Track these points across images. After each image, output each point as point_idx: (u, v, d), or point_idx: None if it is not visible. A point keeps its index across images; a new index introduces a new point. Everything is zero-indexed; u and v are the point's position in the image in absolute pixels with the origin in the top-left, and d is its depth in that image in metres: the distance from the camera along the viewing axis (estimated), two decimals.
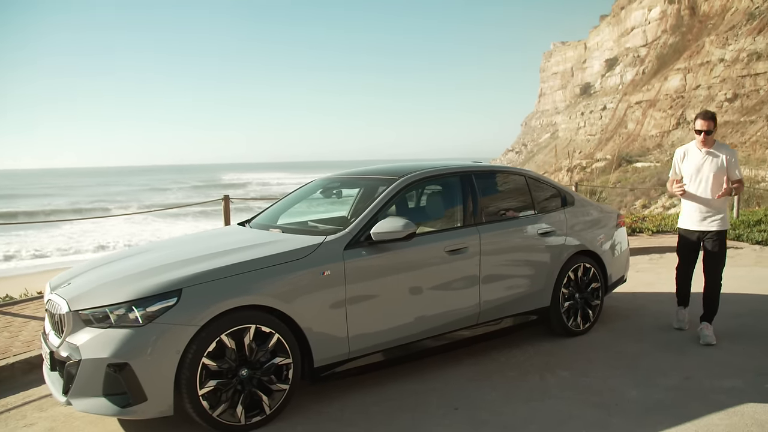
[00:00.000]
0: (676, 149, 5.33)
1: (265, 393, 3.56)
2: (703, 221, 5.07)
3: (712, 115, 5.03)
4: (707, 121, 4.94)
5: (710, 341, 4.94)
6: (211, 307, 3.36)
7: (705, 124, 4.94)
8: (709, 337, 4.97)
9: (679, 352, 4.76)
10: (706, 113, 5.02)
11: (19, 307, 6.42)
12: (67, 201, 50.11)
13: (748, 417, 3.55)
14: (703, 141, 4.99)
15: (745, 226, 11.17)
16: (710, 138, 5.01)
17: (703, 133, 4.95)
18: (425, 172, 4.64)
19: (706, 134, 4.96)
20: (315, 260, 3.77)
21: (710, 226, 5.05)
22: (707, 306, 5.16)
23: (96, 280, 3.71)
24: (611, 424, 3.50)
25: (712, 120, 4.96)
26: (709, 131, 4.95)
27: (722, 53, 41.38)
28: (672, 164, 5.32)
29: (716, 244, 5.05)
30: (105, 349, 3.25)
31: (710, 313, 5.14)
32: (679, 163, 5.23)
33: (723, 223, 5.06)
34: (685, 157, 5.17)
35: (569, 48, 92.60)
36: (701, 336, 5.02)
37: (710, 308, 5.14)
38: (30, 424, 3.84)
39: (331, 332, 3.80)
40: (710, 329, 5.04)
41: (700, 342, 4.98)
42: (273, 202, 5.51)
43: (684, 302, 5.44)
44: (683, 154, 5.20)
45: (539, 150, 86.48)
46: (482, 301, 4.56)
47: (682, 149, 5.27)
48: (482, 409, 3.79)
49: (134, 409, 3.26)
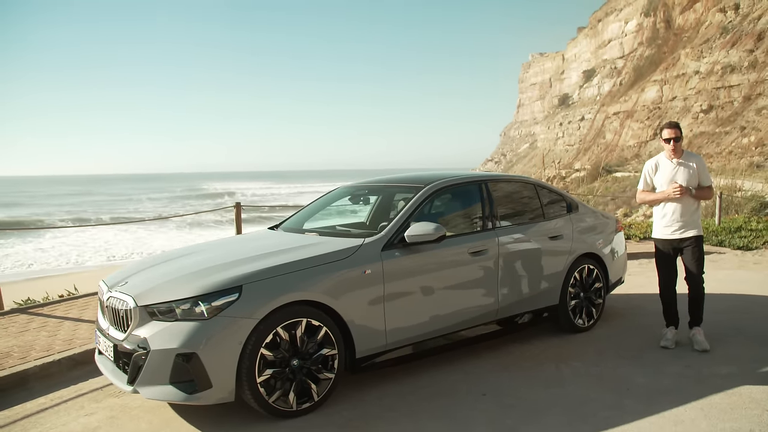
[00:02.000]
0: (646, 161, 5.42)
1: (313, 381, 3.91)
2: (679, 230, 5.13)
3: (677, 124, 5.14)
4: (674, 129, 5.06)
5: (705, 347, 5.00)
6: (269, 302, 3.72)
7: (673, 131, 5.05)
8: (703, 342, 5.04)
9: (678, 345, 5.19)
10: (671, 122, 5.16)
11: (49, 308, 6.70)
12: (44, 211, 49.49)
13: (746, 396, 4.00)
14: (673, 149, 5.07)
15: (726, 233, 11.76)
16: (679, 146, 5.11)
17: (673, 140, 5.05)
18: (448, 180, 5.06)
19: (675, 141, 5.06)
20: (357, 260, 4.15)
21: (687, 233, 5.12)
22: (694, 311, 5.24)
23: (156, 278, 4.04)
24: (625, 405, 3.92)
25: (677, 128, 5.09)
26: (677, 138, 5.06)
27: (697, 65, 42.58)
28: (641, 176, 5.38)
29: (696, 250, 5.14)
30: (174, 340, 3.58)
31: (698, 317, 5.23)
32: (651, 174, 5.28)
33: (698, 228, 5.17)
34: (657, 169, 5.24)
35: (547, 59, 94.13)
36: (695, 342, 5.09)
37: (697, 313, 5.23)
38: (90, 413, 4.15)
39: (370, 325, 4.17)
40: (702, 334, 5.13)
41: (695, 347, 5.04)
42: (299, 209, 5.89)
43: (673, 321, 5.36)
44: (654, 166, 5.27)
45: (518, 160, 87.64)
46: (500, 299, 4.98)
47: (652, 161, 5.33)
48: (507, 395, 4.18)
49: (199, 395, 3.59)
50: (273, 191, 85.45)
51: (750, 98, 36.39)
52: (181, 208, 51.58)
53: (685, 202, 5.10)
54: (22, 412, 4.21)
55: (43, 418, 4.09)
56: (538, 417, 3.80)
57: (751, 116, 34.75)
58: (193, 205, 55.48)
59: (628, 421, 3.68)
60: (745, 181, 18.14)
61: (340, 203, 5.79)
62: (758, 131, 32.62)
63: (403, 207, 4.67)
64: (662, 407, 3.86)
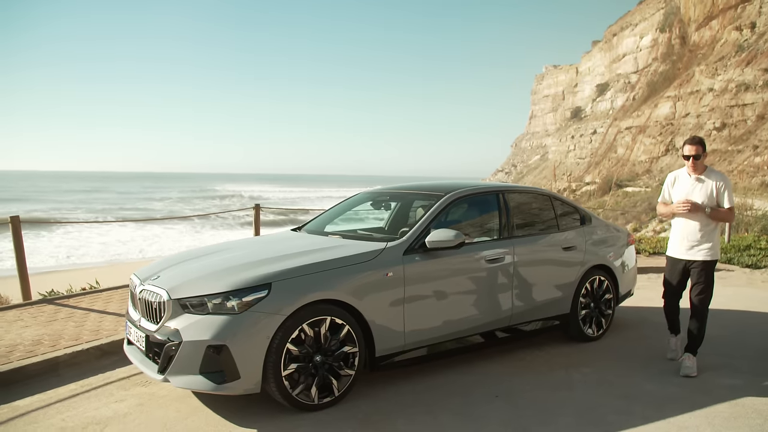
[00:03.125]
0: (668, 174, 5.29)
1: (334, 377, 4.10)
2: (691, 250, 4.96)
3: (700, 139, 4.93)
4: (695, 146, 4.87)
5: (690, 373, 4.81)
6: (297, 299, 3.92)
7: (693, 149, 4.87)
8: (689, 368, 4.84)
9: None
10: (694, 138, 4.95)
11: (75, 300, 6.93)
12: (50, 207, 49.83)
13: (749, 407, 4.17)
14: (692, 166, 4.91)
15: (735, 251, 11.87)
16: (699, 163, 4.91)
17: (692, 158, 4.89)
18: (468, 189, 5.25)
19: (695, 159, 4.88)
20: (380, 263, 4.35)
21: (697, 256, 4.93)
22: (691, 337, 5.03)
23: (189, 273, 4.25)
24: (634, 411, 4.09)
25: (699, 144, 4.88)
26: (697, 156, 4.87)
27: (711, 83, 42.63)
28: (662, 188, 5.27)
29: (702, 274, 4.93)
30: (205, 332, 3.78)
31: (695, 344, 5.01)
32: (669, 188, 5.17)
33: (712, 253, 4.93)
34: (676, 183, 5.12)
35: (561, 72, 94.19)
36: (682, 367, 4.88)
37: (695, 339, 5.01)
38: (119, 400, 4.35)
39: (390, 326, 4.36)
40: (692, 360, 4.90)
41: (680, 373, 4.84)
42: (321, 213, 6.10)
43: (675, 330, 5.33)
44: (674, 180, 5.15)
45: (529, 171, 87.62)
46: (515, 305, 5.16)
47: (673, 174, 5.20)
48: (519, 397, 4.36)
49: (228, 385, 3.79)
50: (284, 195, 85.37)
51: (764, 117, 36.42)
52: (188, 208, 51.92)
53: (698, 220, 4.92)
54: (55, 396, 4.42)
55: (75, 403, 4.29)
56: (551, 418, 3.97)
57: (764, 135, 34.76)
58: (201, 207, 55.83)
59: (636, 425, 3.86)
60: (756, 200, 18.21)
61: (360, 209, 5.99)
62: None
63: (424, 214, 4.86)
64: (668, 414, 4.03)
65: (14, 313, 6.36)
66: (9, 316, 6.20)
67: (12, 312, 6.39)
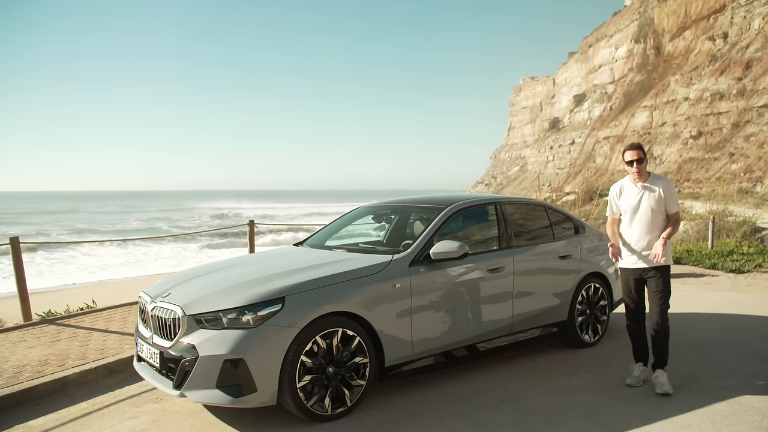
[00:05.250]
0: (612, 185, 5.12)
1: (346, 387, 4.21)
2: (644, 258, 4.82)
3: (639, 144, 4.81)
4: (635, 151, 4.75)
5: (667, 390, 4.58)
6: (310, 312, 4.03)
7: (634, 153, 4.75)
8: (665, 385, 4.62)
9: (680, 359, 5.51)
10: (633, 144, 4.83)
11: (75, 320, 6.96)
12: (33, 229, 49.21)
13: (746, 405, 4.35)
14: (637, 172, 4.78)
15: (719, 256, 12.16)
16: (643, 168, 4.80)
17: (635, 162, 4.75)
18: (468, 201, 5.41)
19: (638, 163, 4.75)
20: (388, 275, 4.48)
21: (652, 262, 4.77)
22: (657, 350, 4.80)
23: (201, 289, 4.34)
24: (635, 411, 4.25)
25: (640, 149, 4.78)
26: (640, 160, 4.75)
27: (687, 92, 43.53)
28: (608, 202, 5.10)
29: (660, 281, 4.76)
30: (222, 346, 3.87)
31: (661, 359, 4.80)
32: (615, 200, 5.01)
33: (664, 258, 4.72)
34: (622, 194, 4.96)
35: (538, 83, 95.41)
36: (656, 385, 4.66)
37: (660, 353, 4.80)
38: (133, 417, 4.42)
39: (399, 336, 4.49)
40: (665, 376, 4.69)
41: (656, 391, 4.62)
42: (322, 227, 6.22)
43: (642, 357, 5.00)
44: (619, 191, 4.98)
45: (508, 182, 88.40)
46: (515, 314, 5.32)
47: (617, 185, 5.03)
48: (525, 402, 4.50)
49: (245, 398, 3.87)
50: (272, 212, 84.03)
51: (738, 125, 37.22)
52: (167, 226, 51.53)
53: (649, 228, 4.79)
54: (68, 415, 4.47)
55: (90, 421, 4.35)
56: (559, 421, 4.12)
57: (739, 143, 35.52)
58: (188, 225, 55.46)
59: (641, 425, 4.01)
60: (736, 206, 18.61)
61: (360, 222, 6.12)
62: (746, 157, 33.34)
63: (427, 226, 5.01)
64: (670, 413, 4.20)
65: (17, 334, 6.38)
66: (12, 337, 6.23)
67: (15, 333, 6.42)
